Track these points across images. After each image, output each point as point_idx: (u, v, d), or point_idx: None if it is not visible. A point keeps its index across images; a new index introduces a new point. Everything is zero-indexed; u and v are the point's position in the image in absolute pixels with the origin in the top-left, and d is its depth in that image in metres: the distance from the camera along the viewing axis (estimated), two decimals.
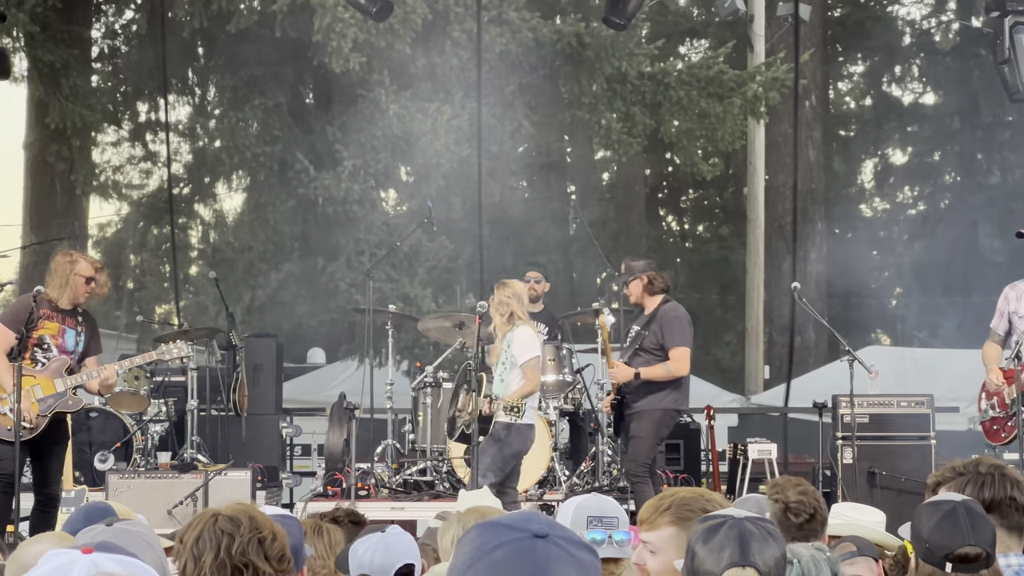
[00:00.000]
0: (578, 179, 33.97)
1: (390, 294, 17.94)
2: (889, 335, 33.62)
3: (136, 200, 25.20)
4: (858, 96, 36.37)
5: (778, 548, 3.38)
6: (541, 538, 2.25)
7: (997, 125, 30.36)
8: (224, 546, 4.01)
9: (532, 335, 10.53)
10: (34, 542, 4.62)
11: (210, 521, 4.07)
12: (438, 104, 18.65)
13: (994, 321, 10.93)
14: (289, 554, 4.17)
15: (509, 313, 10.47)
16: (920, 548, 4.28)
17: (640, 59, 19.43)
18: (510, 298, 10.48)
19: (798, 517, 5.44)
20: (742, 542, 3.34)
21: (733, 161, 29.38)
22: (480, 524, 2.32)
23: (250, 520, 4.08)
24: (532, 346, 10.44)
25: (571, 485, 12.02)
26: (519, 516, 2.32)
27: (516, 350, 10.37)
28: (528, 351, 10.40)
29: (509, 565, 2.22)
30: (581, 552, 2.28)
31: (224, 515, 4.08)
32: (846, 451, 12.14)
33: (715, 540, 3.37)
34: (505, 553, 2.23)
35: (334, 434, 12.74)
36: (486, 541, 2.25)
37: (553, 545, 2.25)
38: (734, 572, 3.32)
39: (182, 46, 20.04)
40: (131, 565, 2.76)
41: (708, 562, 3.35)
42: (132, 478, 11.56)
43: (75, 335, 10.16)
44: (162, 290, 25.57)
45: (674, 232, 37.35)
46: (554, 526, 2.29)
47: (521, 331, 10.46)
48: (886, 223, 34.10)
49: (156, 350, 10.73)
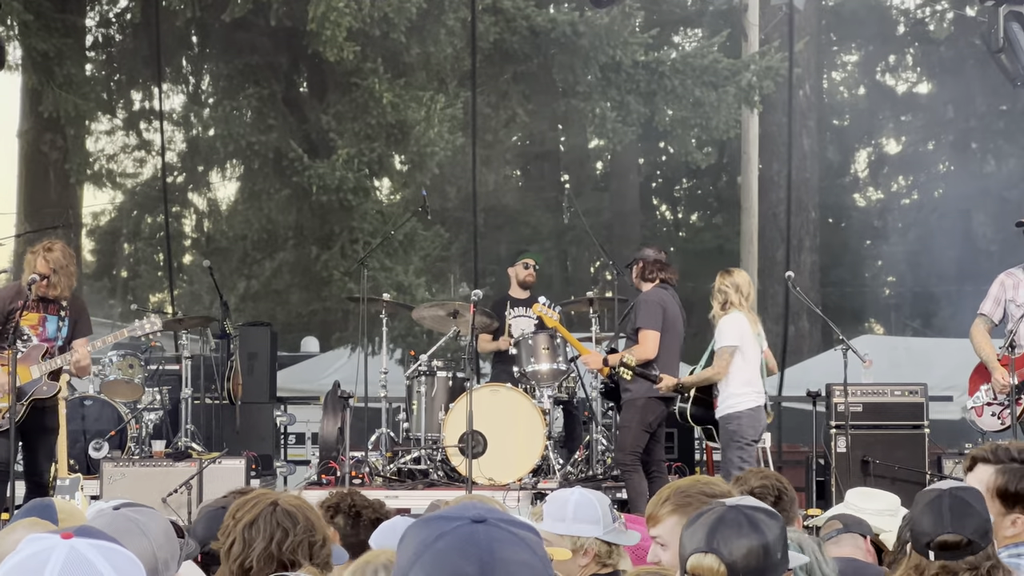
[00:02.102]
0: (572, 168, 34.00)
1: (384, 283, 17.95)
2: (883, 324, 33.66)
3: (130, 189, 25.18)
4: (852, 85, 36.39)
5: (756, 539, 3.35)
6: (480, 523, 2.24)
7: (991, 114, 30.39)
8: (277, 540, 4.02)
9: (737, 323, 10.81)
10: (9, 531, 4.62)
11: (268, 509, 4.06)
12: (432, 93, 18.66)
13: (988, 307, 10.84)
14: (332, 561, 4.19)
15: (725, 301, 10.84)
16: (910, 536, 4.35)
17: (634, 48, 19.44)
18: (728, 287, 10.83)
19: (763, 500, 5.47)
20: (711, 529, 3.35)
21: (727, 150, 29.38)
22: (416, 521, 2.32)
23: (306, 520, 4.09)
24: (730, 334, 10.76)
25: (565, 473, 12.03)
26: (454, 507, 2.32)
27: (717, 334, 10.90)
28: (723, 338, 10.79)
29: (454, 553, 2.21)
30: (523, 531, 2.27)
31: (283, 507, 4.08)
32: (840, 440, 12.17)
33: (693, 525, 3.41)
34: (448, 542, 2.22)
35: (328, 423, 12.75)
36: (427, 535, 2.25)
37: (493, 527, 2.24)
38: (696, 558, 3.34)
39: (176, 35, 20.02)
40: (111, 551, 2.75)
41: (684, 546, 3.40)
42: (126, 466, 11.57)
43: (57, 322, 10.17)
44: (156, 279, 25.54)
45: (668, 221, 37.36)
46: (491, 510, 2.29)
47: (727, 318, 10.81)
48: (880, 212, 34.11)
49: (128, 327, 10.71)
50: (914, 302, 31.15)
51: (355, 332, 18.22)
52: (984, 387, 10.85)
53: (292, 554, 3.99)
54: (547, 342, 12.33)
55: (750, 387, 10.80)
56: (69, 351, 10.14)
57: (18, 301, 10.12)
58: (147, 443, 13.47)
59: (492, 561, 2.20)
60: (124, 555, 2.78)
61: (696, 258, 30.45)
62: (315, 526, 4.08)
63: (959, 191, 29.69)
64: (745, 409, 10.72)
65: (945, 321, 26.56)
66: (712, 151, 21.96)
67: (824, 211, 30.10)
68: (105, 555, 2.73)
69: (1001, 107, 29.66)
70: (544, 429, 11.89)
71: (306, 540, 4.01)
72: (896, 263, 31.75)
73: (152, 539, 3.67)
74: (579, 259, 33.17)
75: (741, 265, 25.43)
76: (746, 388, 10.78)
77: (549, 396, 12.28)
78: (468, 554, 2.21)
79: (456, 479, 11.97)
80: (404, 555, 2.27)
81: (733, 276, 10.91)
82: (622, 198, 31.61)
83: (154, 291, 25.95)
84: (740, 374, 10.76)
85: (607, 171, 34.34)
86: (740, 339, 10.75)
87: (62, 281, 10.17)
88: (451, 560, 2.21)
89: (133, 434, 13.46)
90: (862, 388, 12.52)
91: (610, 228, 30.42)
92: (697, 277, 32.82)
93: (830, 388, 12.51)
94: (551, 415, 12.23)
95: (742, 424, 10.70)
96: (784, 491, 5.59)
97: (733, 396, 10.75)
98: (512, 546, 2.24)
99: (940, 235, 27.76)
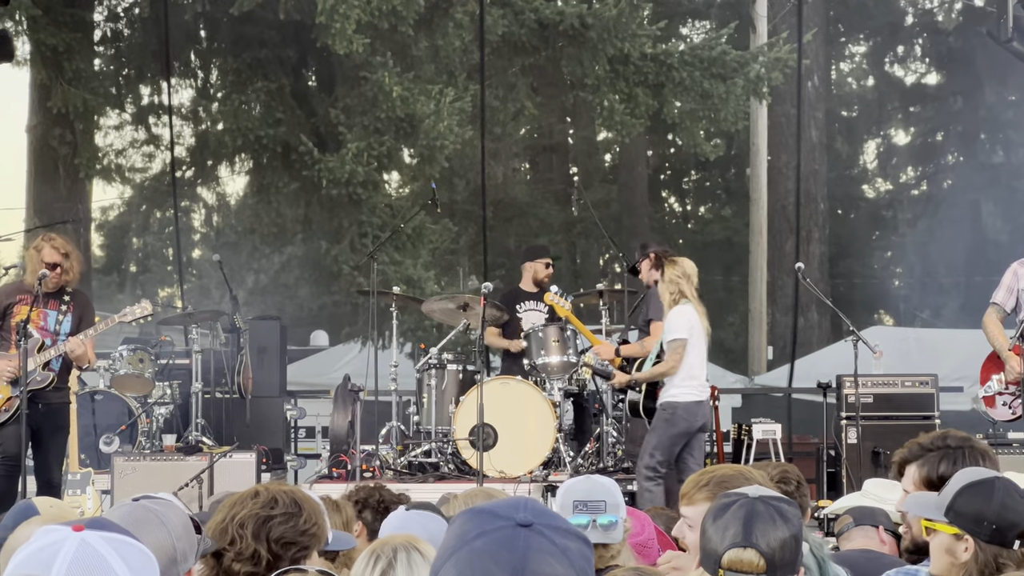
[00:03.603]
0: (581, 161, 33.97)
1: (393, 276, 17.95)
2: (892, 315, 33.64)
3: (139, 183, 25.19)
4: (861, 76, 36.35)
5: (787, 530, 3.34)
6: (525, 527, 2.22)
7: (1000, 105, 30.34)
8: (237, 517, 4.08)
9: (687, 315, 10.66)
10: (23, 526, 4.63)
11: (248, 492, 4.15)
12: (441, 86, 18.64)
13: (1000, 296, 10.79)
14: (334, 546, 4.25)
15: (678, 291, 10.66)
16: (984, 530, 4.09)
17: (642, 40, 19.40)
18: (680, 277, 10.67)
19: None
20: (746, 522, 3.31)
21: (736, 142, 29.38)
22: (468, 510, 2.30)
23: (269, 499, 4.14)
24: (680, 327, 10.60)
25: (576, 466, 12.03)
26: (507, 503, 2.30)
27: (666, 327, 10.67)
28: (674, 331, 10.61)
29: (488, 555, 2.20)
30: (568, 540, 2.25)
31: (261, 490, 4.17)
32: (850, 431, 12.16)
33: (723, 519, 3.35)
34: (486, 543, 2.21)
35: (339, 416, 12.75)
36: (469, 529, 2.24)
37: (536, 534, 2.22)
38: (734, 553, 3.30)
39: (185, 29, 20.01)
40: (122, 543, 2.75)
41: (714, 540, 3.33)
42: (137, 460, 11.58)
43: (57, 316, 10.17)
44: (165, 273, 25.63)
45: (677, 213, 37.35)
46: (543, 514, 2.27)
47: (678, 310, 10.64)
48: (889, 203, 34.10)
49: (119, 314, 10.70)
50: (923, 293, 31.12)
51: (365, 326, 18.24)
52: (996, 377, 10.81)
53: (241, 528, 4.02)
54: (557, 335, 12.33)
55: (694, 380, 10.73)
56: (65, 342, 10.12)
57: (16, 296, 10.13)
58: (158, 437, 13.49)
59: (523, 571, 2.19)
60: (135, 547, 2.79)
61: (705, 250, 30.45)
62: (280, 503, 4.11)
63: (968, 182, 29.68)
64: (683, 401, 10.65)
65: (955, 311, 26.57)
66: (721, 143, 21.95)
67: (833, 202, 30.07)
68: (116, 547, 2.73)
69: (1010, 97, 29.61)
70: (555, 422, 11.89)
71: (262, 515, 4.05)
72: (905, 254, 31.74)
73: (171, 530, 3.68)
74: (588, 251, 33.17)
75: (750, 257, 25.47)
76: (690, 382, 10.70)
77: (559, 388, 12.28)
78: (501, 560, 2.20)
79: (467, 472, 11.98)
80: (445, 544, 2.26)
81: (682, 265, 10.71)
82: (631, 190, 31.59)
83: (163, 286, 26.00)
84: (683, 368, 10.68)
85: (616, 163, 34.32)
86: (690, 331, 10.68)
87: (74, 266, 10.19)
88: (483, 563, 2.19)
89: (144, 428, 13.48)
90: (872, 379, 12.52)
91: (619, 220, 30.41)
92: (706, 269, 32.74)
93: (840, 379, 12.51)
94: (561, 408, 12.23)
95: (676, 414, 10.62)
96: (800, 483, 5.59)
97: (676, 387, 10.65)
98: (548, 557, 2.21)
99: (949, 225, 27.74)
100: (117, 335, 15.89)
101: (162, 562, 3.56)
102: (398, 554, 3.57)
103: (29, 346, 9.90)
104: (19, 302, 10.12)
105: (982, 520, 4.07)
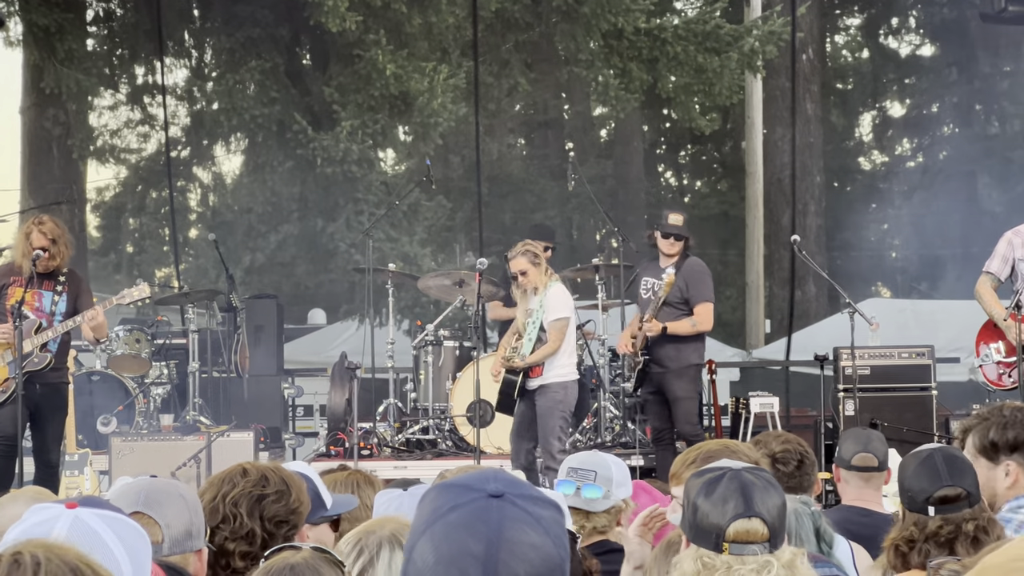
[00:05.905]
0: (576, 136, 33.94)
1: (390, 253, 17.95)
2: (889, 287, 33.66)
3: (134, 164, 25.18)
4: (855, 49, 36.29)
5: (779, 496, 3.36)
6: (497, 497, 2.22)
7: (995, 75, 30.30)
8: (223, 493, 4.12)
9: (567, 294, 10.66)
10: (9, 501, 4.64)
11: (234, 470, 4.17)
12: (435, 63, 18.60)
13: (995, 265, 10.65)
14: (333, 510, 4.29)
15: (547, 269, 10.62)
16: (904, 498, 4.41)
17: (636, 15, 19.35)
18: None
19: (787, 466, 5.47)
20: (745, 493, 3.31)
21: (731, 116, 29.31)
22: (439, 484, 2.30)
23: (260, 476, 4.16)
24: (563, 306, 10.55)
25: (574, 442, 12.04)
26: (477, 475, 2.29)
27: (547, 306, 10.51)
28: (557, 310, 10.51)
29: (463, 527, 2.19)
30: (540, 508, 2.24)
31: (242, 467, 4.20)
32: (848, 403, 12.17)
33: (717, 492, 3.34)
34: (460, 515, 2.21)
35: (336, 394, 12.77)
36: (442, 503, 2.23)
37: (509, 504, 2.22)
38: (741, 523, 3.30)
39: (178, 8, 19.98)
40: (116, 520, 2.77)
41: (712, 515, 3.32)
42: (135, 441, 11.59)
43: (52, 296, 10.16)
44: (162, 253, 25.58)
45: (673, 187, 37.32)
46: (513, 484, 2.26)
47: (557, 288, 10.57)
48: (885, 175, 34.07)
49: (116, 296, 10.70)
50: (920, 265, 31.13)
51: (361, 303, 18.22)
52: (993, 345, 10.76)
53: (235, 507, 4.03)
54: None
55: (573, 359, 10.76)
56: (73, 317, 10.10)
57: (10, 278, 10.13)
58: (155, 417, 13.51)
59: (499, 541, 2.18)
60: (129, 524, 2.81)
61: (702, 224, 30.41)
62: (271, 481, 4.13)
63: (963, 153, 29.65)
64: (571, 380, 10.65)
65: (951, 283, 26.56)
66: (716, 117, 21.86)
67: (829, 175, 30.05)
68: (110, 524, 2.75)
69: (1005, 68, 29.58)
70: None
71: (255, 493, 4.07)
72: (902, 226, 31.73)
73: (189, 504, 3.72)
74: (584, 226, 33.11)
75: (747, 230, 25.47)
76: (572, 359, 10.72)
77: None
78: (476, 531, 2.19)
79: (464, 448, 12.00)
80: (419, 519, 2.26)
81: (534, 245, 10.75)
82: (626, 165, 31.57)
83: (160, 266, 25.96)
84: (567, 346, 10.64)
85: (611, 138, 34.30)
86: (571, 310, 10.67)
87: (62, 251, 10.16)
88: (458, 535, 2.19)
89: (141, 408, 13.50)
90: (869, 351, 12.53)
91: (615, 195, 30.38)
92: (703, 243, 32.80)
93: (837, 352, 12.52)
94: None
95: (568, 394, 10.62)
96: (805, 455, 5.58)
97: (563, 366, 10.60)
98: (524, 526, 2.21)
99: (945, 197, 27.73)
100: (114, 316, 15.89)
101: (180, 533, 3.60)
102: (381, 551, 3.55)
103: (26, 327, 9.89)
104: (12, 283, 10.11)
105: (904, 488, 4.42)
